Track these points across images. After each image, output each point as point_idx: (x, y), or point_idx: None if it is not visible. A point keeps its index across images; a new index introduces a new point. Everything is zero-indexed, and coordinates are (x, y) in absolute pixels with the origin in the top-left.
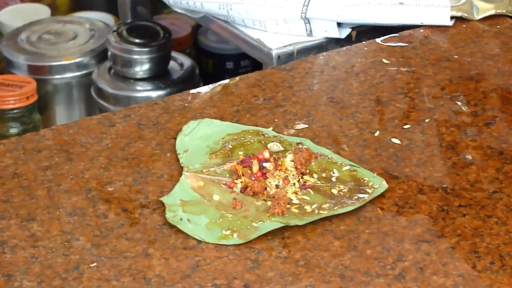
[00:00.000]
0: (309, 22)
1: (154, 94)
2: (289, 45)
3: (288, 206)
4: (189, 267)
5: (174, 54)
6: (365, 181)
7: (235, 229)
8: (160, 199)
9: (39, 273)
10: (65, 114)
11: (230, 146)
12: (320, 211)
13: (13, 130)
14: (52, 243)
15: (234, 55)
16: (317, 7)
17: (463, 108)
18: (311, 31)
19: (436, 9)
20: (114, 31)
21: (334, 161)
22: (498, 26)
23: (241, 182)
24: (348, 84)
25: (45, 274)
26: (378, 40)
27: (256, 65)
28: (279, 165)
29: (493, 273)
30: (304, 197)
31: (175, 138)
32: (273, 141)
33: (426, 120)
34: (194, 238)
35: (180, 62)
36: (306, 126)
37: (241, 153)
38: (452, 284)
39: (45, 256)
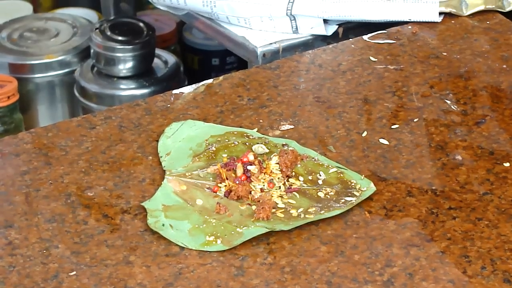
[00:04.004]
0: (294, 19)
1: (138, 92)
2: (275, 42)
3: (274, 210)
4: (171, 275)
5: (158, 51)
6: (353, 184)
7: (219, 234)
8: (142, 204)
9: (17, 283)
10: (47, 113)
11: (214, 149)
12: (306, 215)
13: None
14: (30, 251)
15: (219, 52)
16: (302, 3)
17: (452, 107)
18: (297, 28)
19: (424, 5)
20: (96, 29)
21: (320, 163)
22: (488, 22)
23: (225, 186)
24: (334, 83)
25: (23, 283)
26: (365, 37)
27: (242, 62)
28: (264, 168)
29: (484, 278)
30: (290, 200)
31: (157, 141)
32: (257, 143)
33: (415, 120)
34: (177, 245)
35: (164, 60)
36: (292, 127)
37: (225, 155)
38: None
39: (22, 265)
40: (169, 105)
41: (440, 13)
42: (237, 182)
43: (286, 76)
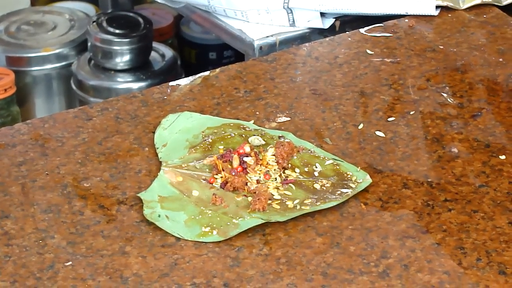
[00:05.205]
0: (291, 12)
1: (135, 85)
2: (271, 35)
3: (269, 201)
4: (167, 265)
5: (155, 44)
6: (349, 176)
7: (214, 225)
8: (138, 195)
9: (13, 273)
10: (44, 106)
11: (210, 140)
12: (302, 207)
13: None
14: (26, 241)
15: (217, 45)
16: None
17: (448, 100)
18: (293, 21)
19: None
20: (94, 22)
21: (316, 155)
22: (485, 16)
23: (221, 177)
24: (331, 76)
25: (19, 273)
26: (362, 30)
27: (239, 56)
28: (260, 159)
29: (479, 269)
30: (286, 192)
31: (154, 132)
32: (254, 135)
33: (411, 112)
34: (173, 235)
35: (161, 53)
36: (288, 119)
37: (221, 147)
38: (438, 281)
39: (18, 255)
40: (165, 97)
41: (437, 7)
42: (233, 173)
43: (282, 69)
